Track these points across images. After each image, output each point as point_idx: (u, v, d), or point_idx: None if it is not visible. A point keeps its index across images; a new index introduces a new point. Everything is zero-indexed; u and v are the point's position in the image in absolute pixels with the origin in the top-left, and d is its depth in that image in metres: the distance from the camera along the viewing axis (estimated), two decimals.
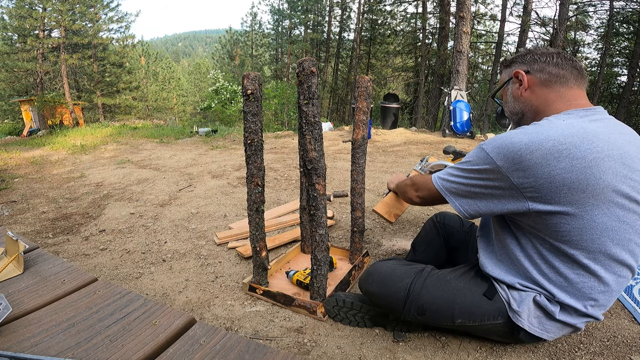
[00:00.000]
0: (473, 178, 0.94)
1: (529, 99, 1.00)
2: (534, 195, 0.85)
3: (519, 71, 1.00)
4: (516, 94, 1.03)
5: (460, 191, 0.98)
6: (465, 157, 0.99)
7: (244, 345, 0.59)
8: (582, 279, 0.89)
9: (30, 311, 0.69)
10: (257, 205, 1.35)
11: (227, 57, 26.90)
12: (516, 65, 1.03)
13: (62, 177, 4.08)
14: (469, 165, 0.95)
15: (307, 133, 1.17)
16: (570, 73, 0.95)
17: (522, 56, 1.03)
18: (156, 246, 2.02)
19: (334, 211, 2.44)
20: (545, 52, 0.99)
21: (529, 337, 0.99)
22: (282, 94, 12.38)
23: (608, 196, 0.81)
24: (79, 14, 16.44)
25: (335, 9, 20.48)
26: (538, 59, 0.99)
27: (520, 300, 0.96)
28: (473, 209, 0.97)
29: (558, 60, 0.97)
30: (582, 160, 0.80)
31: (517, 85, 1.02)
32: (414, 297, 1.03)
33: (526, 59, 1.02)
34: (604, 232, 0.84)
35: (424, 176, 1.19)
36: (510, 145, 0.85)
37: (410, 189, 1.21)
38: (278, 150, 5.44)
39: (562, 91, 0.95)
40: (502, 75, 1.12)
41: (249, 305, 1.40)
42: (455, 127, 6.45)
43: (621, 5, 11.75)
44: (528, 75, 0.99)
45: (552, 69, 0.97)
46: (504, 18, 12.67)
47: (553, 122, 0.87)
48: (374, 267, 1.15)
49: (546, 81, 0.97)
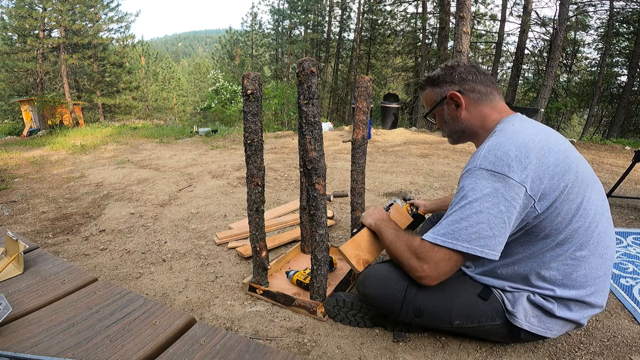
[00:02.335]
0: (487, 207, 0.85)
1: (467, 118, 1.04)
2: (538, 194, 0.86)
3: (455, 93, 1.02)
4: (454, 114, 1.06)
5: (478, 231, 0.86)
6: (460, 193, 0.90)
7: (244, 345, 0.59)
8: (574, 269, 0.92)
9: (30, 311, 0.69)
10: (257, 205, 1.35)
11: (227, 57, 26.90)
12: (446, 86, 1.05)
13: (62, 177, 4.08)
14: (475, 194, 0.87)
15: (307, 133, 1.17)
16: (493, 88, 1.04)
17: (448, 75, 1.05)
18: (156, 246, 2.02)
19: (334, 211, 2.44)
20: (469, 70, 1.03)
21: (530, 336, 0.99)
22: (282, 94, 12.38)
23: (591, 176, 0.94)
24: (79, 14, 16.45)
25: (335, 9, 20.49)
26: (466, 77, 1.02)
27: (513, 301, 0.97)
28: (499, 242, 0.87)
29: (482, 78, 1.03)
30: (559, 152, 0.89)
31: (453, 107, 1.05)
32: (411, 299, 1.02)
33: (454, 78, 1.04)
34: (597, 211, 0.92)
35: (423, 243, 0.95)
36: (507, 155, 0.85)
37: (412, 259, 0.97)
38: (278, 150, 5.44)
39: (493, 105, 1.03)
40: (427, 93, 1.12)
41: (249, 305, 1.40)
42: None
43: (621, 5, 11.75)
44: (463, 96, 1.02)
45: (481, 88, 1.02)
46: (504, 18, 12.68)
47: (509, 129, 0.94)
48: (371, 269, 1.14)
49: (478, 100, 1.03)
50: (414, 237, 1.02)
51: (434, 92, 1.09)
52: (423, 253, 0.94)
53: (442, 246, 0.90)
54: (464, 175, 0.92)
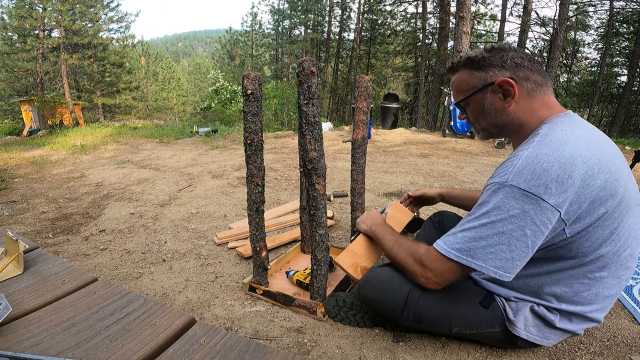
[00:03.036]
0: (511, 229, 0.77)
1: (515, 111, 0.88)
2: (572, 218, 0.77)
3: (508, 80, 0.85)
4: (499, 105, 0.88)
5: (496, 252, 0.79)
6: (483, 207, 0.81)
7: (244, 345, 0.59)
8: (587, 288, 0.87)
9: (30, 311, 0.69)
10: (257, 205, 1.35)
11: (227, 57, 26.91)
12: (494, 71, 0.87)
13: (62, 177, 4.08)
14: (500, 214, 0.78)
15: (307, 133, 1.17)
16: (548, 79, 0.89)
17: (497, 58, 0.87)
18: (156, 246, 2.02)
19: (334, 211, 2.44)
20: (522, 55, 0.87)
21: (527, 344, 0.99)
22: (282, 94, 12.38)
23: (634, 199, 0.82)
24: (79, 14, 16.46)
25: (335, 9, 20.50)
26: (521, 63, 0.86)
27: (516, 310, 0.96)
28: (516, 265, 0.80)
29: (537, 67, 0.88)
30: (609, 173, 0.76)
31: (500, 96, 0.87)
32: (412, 304, 1.02)
33: (506, 62, 0.86)
34: (630, 234, 0.83)
35: (432, 251, 0.90)
36: (547, 174, 0.73)
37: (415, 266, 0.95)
38: (278, 150, 5.44)
39: (545, 99, 0.88)
40: (462, 77, 0.93)
41: (249, 305, 1.40)
42: (455, 127, 6.45)
43: (621, 5, 11.77)
44: (516, 85, 0.86)
45: (537, 77, 0.87)
46: (504, 18, 12.68)
47: (556, 136, 0.79)
48: (373, 273, 1.13)
49: (532, 91, 0.87)
50: (417, 245, 0.97)
51: (474, 77, 0.90)
52: (429, 261, 0.90)
53: (454, 260, 0.84)
54: (491, 189, 0.80)
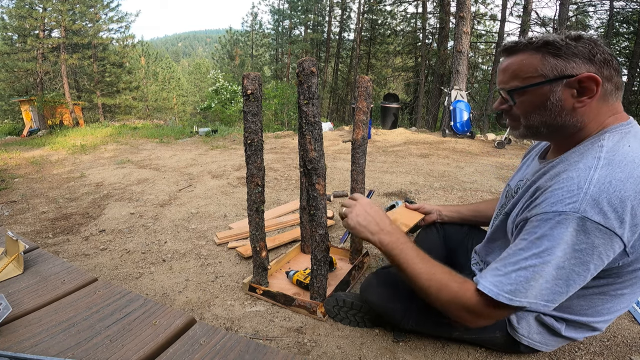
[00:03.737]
0: (573, 264, 0.68)
1: (583, 114, 0.73)
2: (634, 250, 0.69)
3: (594, 77, 0.69)
4: (567, 104, 0.73)
5: (552, 288, 0.70)
6: (542, 241, 0.69)
7: (244, 345, 0.59)
8: (604, 302, 0.84)
9: (30, 311, 0.69)
10: (257, 205, 1.35)
11: (227, 57, 26.91)
12: (578, 63, 0.70)
13: (62, 177, 4.08)
14: (564, 249, 0.67)
15: (307, 133, 1.17)
16: (622, 81, 0.76)
17: (584, 49, 0.70)
18: (156, 246, 2.02)
19: (334, 211, 2.44)
20: (610, 52, 0.72)
21: (527, 349, 0.99)
22: (282, 94, 12.39)
23: None
24: (79, 14, 16.46)
25: (335, 9, 20.49)
26: (610, 60, 0.71)
27: (520, 317, 0.95)
28: (566, 297, 0.72)
29: (620, 67, 0.75)
30: None
31: (573, 93, 0.72)
32: (414, 309, 1.02)
33: (595, 56, 0.70)
34: None
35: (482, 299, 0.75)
36: (623, 204, 0.64)
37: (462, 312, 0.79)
38: (278, 150, 5.44)
39: (614, 104, 0.75)
40: (527, 60, 0.75)
41: (249, 305, 1.40)
42: (456, 127, 6.46)
43: (621, 5, 11.77)
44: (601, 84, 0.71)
45: (618, 80, 0.74)
46: (504, 18, 12.67)
47: (625, 154, 0.68)
48: (376, 275, 1.13)
49: (609, 94, 0.73)
50: (463, 285, 0.79)
51: (548, 64, 0.72)
52: (479, 309, 0.76)
53: (506, 304, 0.72)
54: (555, 219, 0.67)
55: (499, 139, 5.85)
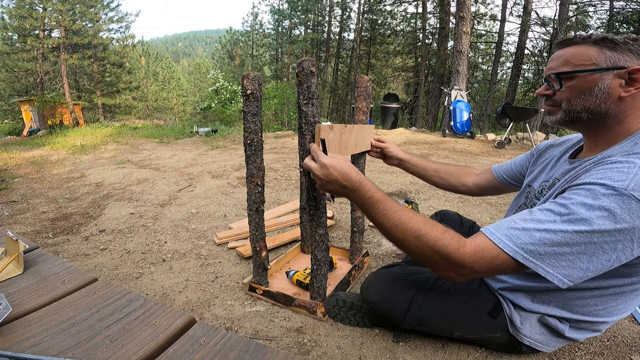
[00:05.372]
0: (606, 242, 0.66)
1: (627, 103, 0.77)
2: None
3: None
4: (615, 91, 0.76)
5: (573, 261, 0.68)
6: (581, 210, 0.67)
7: (244, 345, 0.59)
8: (618, 303, 0.84)
9: (30, 311, 0.69)
10: (257, 205, 1.35)
11: (227, 57, 26.91)
12: (631, 57, 0.76)
13: (62, 177, 4.08)
14: (604, 224, 0.65)
15: (307, 133, 1.17)
16: None
17: (638, 46, 0.76)
18: (156, 246, 2.02)
19: (334, 211, 2.44)
20: None
21: (529, 349, 0.99)
22: (282, 94, 12.39)
23: None
24: (79, 14, 16.46)
25: (335, 9, 20.50)
26: None
27: (524, 318, 0.95)
28: (585, 276, 0.69)
29: None
30: None
31: (621, 82, 0.76)
32: (415, 309, 1.02)
33: None
34: None
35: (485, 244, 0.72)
36: None
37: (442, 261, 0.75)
38: (278, 150, 5.44)
39: None
40: (584, 50, 0.79)
41: (249, 305, 1.40)
42: (455, 127, 6.46)
43: (621, 5, 11.76)
44: None
45: None
46: (504, 18, 12.68)
47: None
48: (378, 275, 1.13)
49: None
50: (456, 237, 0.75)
51: (603, 54, 0.77)
52: (470, 260, 0.72)
53: (514, 259, 0.69)
54: (601, 191, 0.66)
55: (499, 139, 5.85)
